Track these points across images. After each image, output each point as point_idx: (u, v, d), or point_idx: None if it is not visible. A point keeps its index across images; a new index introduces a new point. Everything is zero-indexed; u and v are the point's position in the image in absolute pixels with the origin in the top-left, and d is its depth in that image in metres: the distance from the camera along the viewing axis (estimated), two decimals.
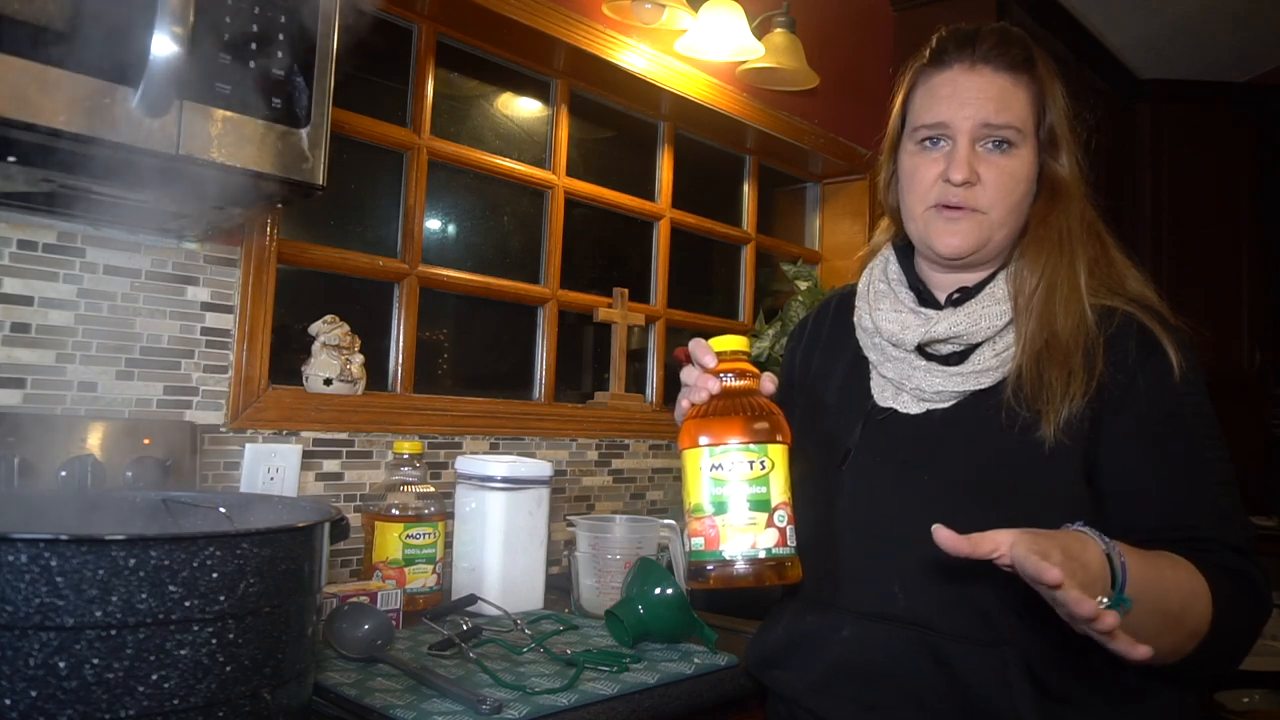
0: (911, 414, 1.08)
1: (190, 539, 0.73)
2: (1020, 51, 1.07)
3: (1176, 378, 0.99)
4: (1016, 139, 1.05)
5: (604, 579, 1.50)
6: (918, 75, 1.11)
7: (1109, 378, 1.00)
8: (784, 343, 2.33)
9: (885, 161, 1.18)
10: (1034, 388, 1.00)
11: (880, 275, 1.17)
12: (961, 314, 1.06)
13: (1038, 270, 1.04)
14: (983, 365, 1.04)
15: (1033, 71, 1.07)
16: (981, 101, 1.05)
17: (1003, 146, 1.05)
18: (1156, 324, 1.01)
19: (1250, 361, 3.70)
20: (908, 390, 1.08)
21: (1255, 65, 4.04)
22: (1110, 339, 1.01)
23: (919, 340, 1.07)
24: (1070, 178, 1.08)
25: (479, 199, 2.03)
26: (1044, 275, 1.04)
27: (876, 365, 1.13)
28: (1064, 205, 1.07)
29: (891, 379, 1.10)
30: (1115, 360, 1.00)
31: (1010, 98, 1.05)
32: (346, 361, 1.60)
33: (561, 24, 1.92)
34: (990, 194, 1.05)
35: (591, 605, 1.51)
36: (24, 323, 1.27)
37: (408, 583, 1.45)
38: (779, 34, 2.25)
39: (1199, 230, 3.70)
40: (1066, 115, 1.09)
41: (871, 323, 1.13)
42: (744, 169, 2.65)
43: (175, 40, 0.93)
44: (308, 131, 1.12)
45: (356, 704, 1.02)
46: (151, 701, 0.71)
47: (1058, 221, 1.06)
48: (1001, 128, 1.05)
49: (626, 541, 1.52)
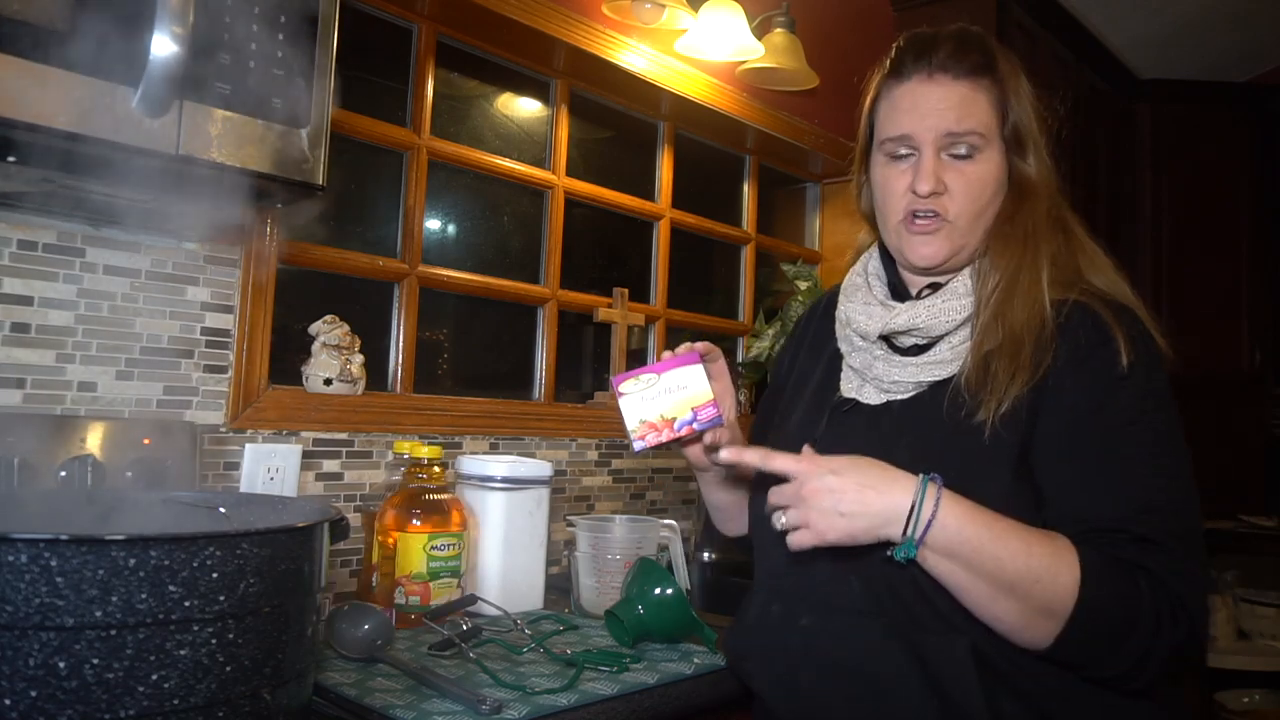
0: (872, 404, 1.10)
1: (190, 539, 0.73)
2: (978, 55, 1.07)
3: (1121, 369, 0.98)
4: (981, 144, 1.06)
5: (604, 579, 1.50)
6: (881, 87, 1.13)
7: (1056, 370, 1.00)
8: (783, 343, 2.33)
9: (857, 170, 1.20)
10: (980, 380, 1.01)
11: (860, 270, 1.20)
12: (921, 307, 1.08)
13: (1000, 267, 1.05)
14: (939, 357, 1.06)
15: (993, 74, 1.08)
16: (941, 111, 1.06)
17: (967, 153, 1.06)
18: (1110, 314, 1.01)
19: (1250, 361, 3.70)
20: (870, 381, 1.11)
21: (1255, 65, 4.04)
22: (1062, 330, 1.01)
23: (880, 330, 1.09)
24: (1037, 176, 1.09)
25: (479, 199, 2.03)
26: (1006, 272, 1.05)
27: (846, 356, 1.16)
28: (1031, 203, 1.08)
29: (857, 369, 1.13)
30: (1066, 352, 1.00)
31: (970, 104, 1.06)
32: (346, 361, 1.60)
33: (561, 24, 1.92)
34: (959, 202, 1.06)
35: (591, 605, 1.51)
36: (24, 323, 1.27)
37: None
38: (779, 34, 2.25)
39: (1199, 230, 3.70)
40: (1033, 111, 1.09)
41: (844, 315, 1.17)
42: (744, 169, 2.65)
43: (175, 40, 0.93)
44: (308, 131, 1.12)
45: (356, 704, 1.02)
46: (151, 701, 0.71)
47: (1024, 219, 1.07)
48: (964, 135, 1.05)
49: (626, 541, 1.52)
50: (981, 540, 0.92)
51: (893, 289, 1.16)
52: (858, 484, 0.94)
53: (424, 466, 1.49)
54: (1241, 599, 3.26)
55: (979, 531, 0.93)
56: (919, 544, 0.93)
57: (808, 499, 0.95)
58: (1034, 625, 0.93)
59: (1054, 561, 0.92)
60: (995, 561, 0.92)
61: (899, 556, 0.94)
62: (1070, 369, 1.00)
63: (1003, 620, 0.94)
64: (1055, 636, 0.93)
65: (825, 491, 0.94)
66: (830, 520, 0.94)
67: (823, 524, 0.94)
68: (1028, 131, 1.08)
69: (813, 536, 0.95)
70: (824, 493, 0.94)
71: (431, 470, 1.49)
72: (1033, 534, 0.94)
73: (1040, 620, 0.93)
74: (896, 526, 0.93)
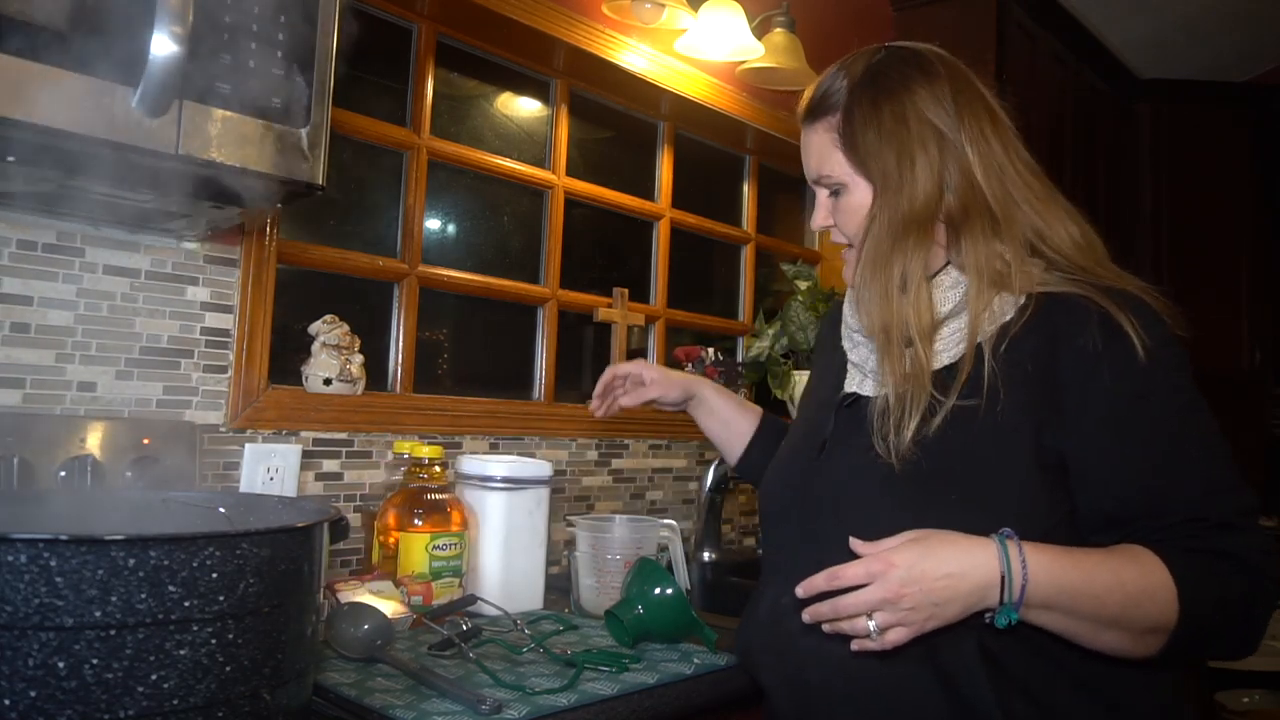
0: (871, 397, 1.11)
1: (190, 539, 0.73)
2: (829, 98, 1.12)
3: (1141, 358, 0.98)
4: (845, 180, 1.11)
5: (604, 579, 1.50)
6: None
7: (1071, 369, 0.99)
8: (783, 343, 2.33)
9: None
10: (977, 372, 1.01)
11: None
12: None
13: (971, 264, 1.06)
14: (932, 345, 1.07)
15: (834, 112, 1.11)
16: (809, 159, 1.15)
17: (837, 190, 1.12)
18: (1113, 305, 1.00)
19: (1250, 361, 3.70)
20: (869, 374, 1.13)
21: (1255, 65, 4.04)
22: (1069, 328, 1.01)
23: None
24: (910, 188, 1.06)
25: (479, 199, 2.03)
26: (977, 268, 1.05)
27: (848, 354, 1.18)
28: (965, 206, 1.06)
29: (858, 364, 1.16)
30: (1077, 349, 1.00)
31: (824, 151, 1.12)
32: (346, 361, 1.60)
33: (561, 24, 1.92)
34: (849, 231, 1.13)
35: (591, 605, 1.51)
36: (23, 323, 1.27)
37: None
38: (779, 34, 2.25)
39: (1199, 230, 3.70)
40: (910, 117, 1.07)
41: (846, 315, 1.21)
42: (744, 169, 2.65)
43: (175, 40, 0.93)
44: (307, 131, 1.12)
45: (356, 704, 1.02)
46: (151, 702, 0.71)
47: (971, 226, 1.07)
48: (824, 178, 1.13)
49: (627, 541, 1.52)
50: (1075, 586, 0.93)
51: None
52: (940, 573, 0.92)
53: (424, 466, 1.49)
54: None
55: (1070, 578, 0.93)
56: (1018, 608, 0.92)
57: (895, 602, 0.92)
58: (1142, 644, 0.95)
59: (1147, 584, 0.93)
60: (1094, 601, 0.93)
61: (1001, 624, 0.93)
62: (1091, 368, 0.99)
63: (1113, 648, 0.95)
64: (1162, 647, 0.95)
65: (910, 591, 0.92)
66: (925, 614, 0.92)
67: (918, 619, 0.92)
68: (874, 152, 1.07)
69: (910, 632, 0.93)
70: (909, 593, 0.92)
71: (432, 470, 1.48)
72: (1117, 559, 0.95)
73: (1148, 638, 0.95)
74: (993, 598, 0.92)
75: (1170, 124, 3.73)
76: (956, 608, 0.93)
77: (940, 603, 0.92)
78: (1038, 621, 0.95)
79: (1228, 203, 3.71)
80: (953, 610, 0.93)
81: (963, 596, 0.92)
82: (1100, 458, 0.99)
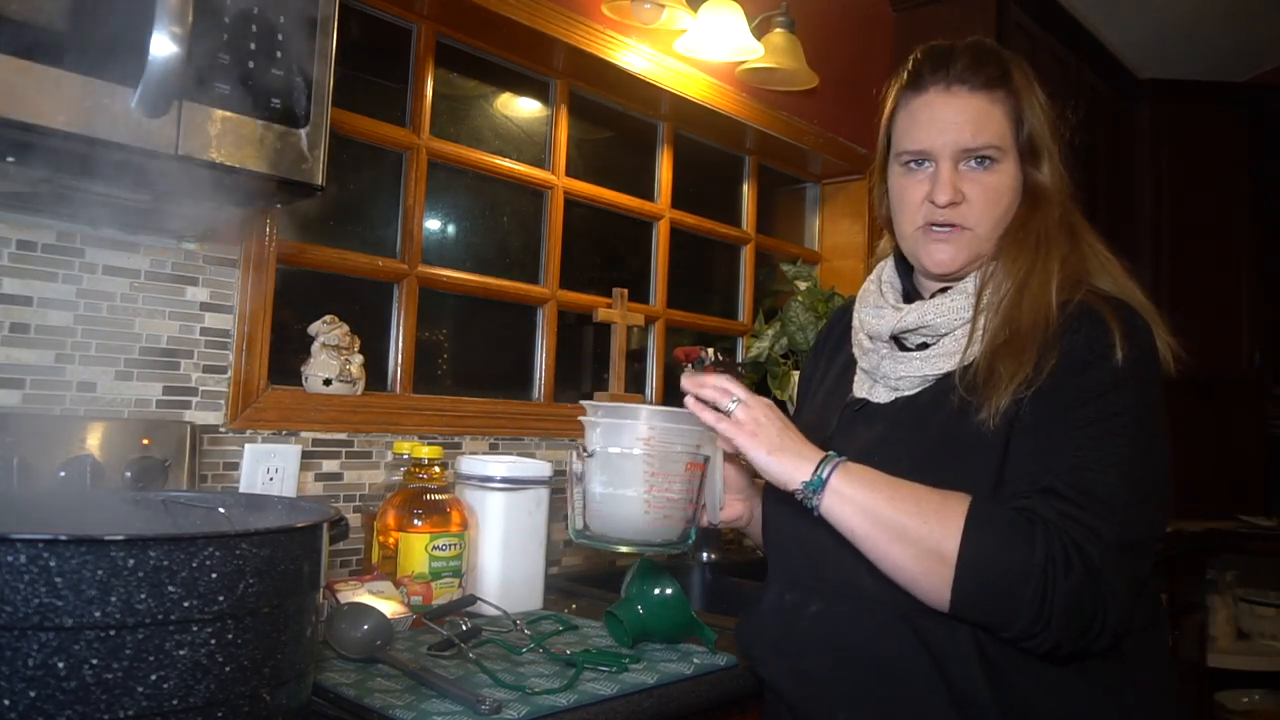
0: (881, 403, 1.13)
1: (189, 539, 0.73)
2: (994, 69, 1.10)
3: (1096, 353, 0.99)
4: (997, 155, 1.09)
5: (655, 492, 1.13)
6: (899, 98, 1.15)
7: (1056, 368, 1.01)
8: (783, 343, 2.33)
9: (877, 178, 1.22)
10: (985, 376, 1.02)
11: (874, 278, 1.24)
12: (929, 305, 1.11)
13: (1013, 273, 1.07)
14: (941, 351, 1.09)
15: (1008, 86, 1.10)
16: (959, 125, 1.08)
17: (985, 163, 1.09)
18: (1109, 310, 1.02)
19: (1250, 361, 3.70)
20: (879, 380, 1.14)
21: (1255, 65, 4.04)
22: (1064, 329, 1.02)
23: (892, 330, 1.13)
24: (1050, 184, 1.11)
25: (478, 199, 2.03)
26: (1017, 277, 1.06)
27: (858, 359, 1.19)
28: (1044, 210, 1.10)
29: (868, 371, 1.16)
30: (1067, 350, 1.01)
31: (986, 118, 1.08)
32: (346, 362, 1.60)
33: (561, 24, 1.92)
34: (976, 210, 1.09)
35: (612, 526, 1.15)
36: (23, 323, 1.27)
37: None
38: (778, 34, 2.25)
39: (1199, 231, 3.70)
40: (1047, 121, 1.11)
41: (858, 320, 1.20)
42: (743, 169, 2.65)
43: (174, 40, 0.93)
44: (307, 131, 1.12)
45: (356, 704, 1.02)
46: (150, 702, 0.71)
47: (1036, 226, 1.09)
48: (981, 148, 1.08)
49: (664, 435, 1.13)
50: (875, 482, 0.99)
51: (905, 296, 1.19)
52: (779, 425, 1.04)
53: (424, 467, 1.48)
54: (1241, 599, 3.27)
55: (874, 476, 1.00)
56: (826, 480, 0.99)
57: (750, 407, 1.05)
58: (926, 570, 0.95)
59: (942, 506, 0.96)
60: (888, 503, 0.97)
61: (812, 499, 1.00)
62: (1063, 362, 1.01)
63: (902, 568, 0.97)
64: (951, 585, 0.94)
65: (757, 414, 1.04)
66: (764, 433, 1.03)
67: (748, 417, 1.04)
68: (1042, 142, 1.11)
69: (746, 435, 1.03)
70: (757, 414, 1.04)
71: (431, 470, 1.48)
72: (928, 488, 0.99)
73: (932, 564, 0.95)
74: (808, 468, 1.00)
75: (1170, 124, 3.73)
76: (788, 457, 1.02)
77: (764, 424, 1.03)
78: (839, 513, 0.99)
79: (1228, 203, 3.71)
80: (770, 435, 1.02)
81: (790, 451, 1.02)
82: (1016, 433, 1.00)
